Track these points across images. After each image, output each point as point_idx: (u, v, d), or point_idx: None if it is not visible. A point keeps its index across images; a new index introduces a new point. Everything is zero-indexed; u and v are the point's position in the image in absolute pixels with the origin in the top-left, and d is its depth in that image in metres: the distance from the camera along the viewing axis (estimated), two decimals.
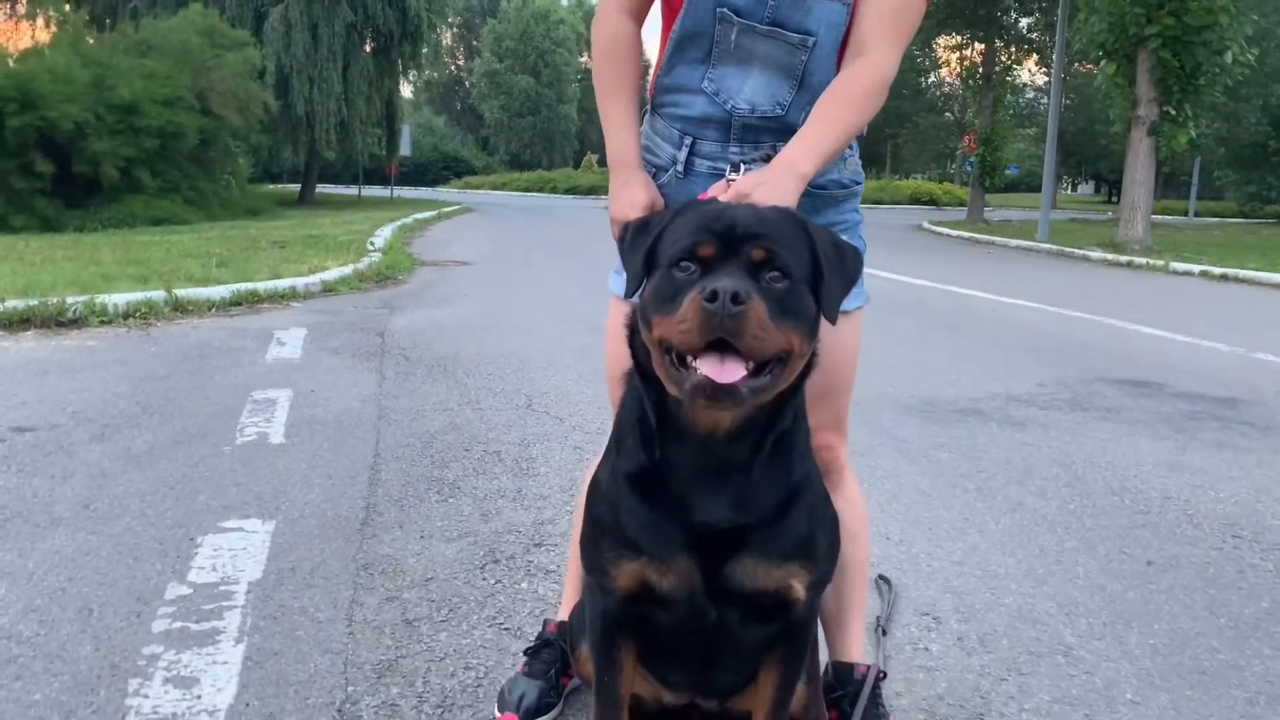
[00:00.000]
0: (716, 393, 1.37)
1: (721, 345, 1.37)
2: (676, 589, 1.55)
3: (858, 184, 1.99)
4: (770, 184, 1.67)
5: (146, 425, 4.29)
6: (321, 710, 2.14)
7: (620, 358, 1.67)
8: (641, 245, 1.55)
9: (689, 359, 1.40)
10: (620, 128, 1.96)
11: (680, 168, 1.95)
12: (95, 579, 2.75)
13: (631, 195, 1.90)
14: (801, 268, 1.47)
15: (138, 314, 7.01)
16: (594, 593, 1.67)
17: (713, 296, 1.34)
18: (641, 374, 1.54)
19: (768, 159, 1.78)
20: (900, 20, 1.84)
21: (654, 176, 1.98)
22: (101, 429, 4.21)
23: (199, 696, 2.17)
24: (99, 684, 2.21)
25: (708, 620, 1.57)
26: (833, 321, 1.52)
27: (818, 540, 1.60)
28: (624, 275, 1.66)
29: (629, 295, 1.56)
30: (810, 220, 1.56)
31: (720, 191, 1.72)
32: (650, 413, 1.54)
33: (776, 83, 1.88)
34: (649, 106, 2.05)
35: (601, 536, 1.61)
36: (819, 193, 1.92)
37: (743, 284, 1.36)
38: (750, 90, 1.89)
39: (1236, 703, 2.28)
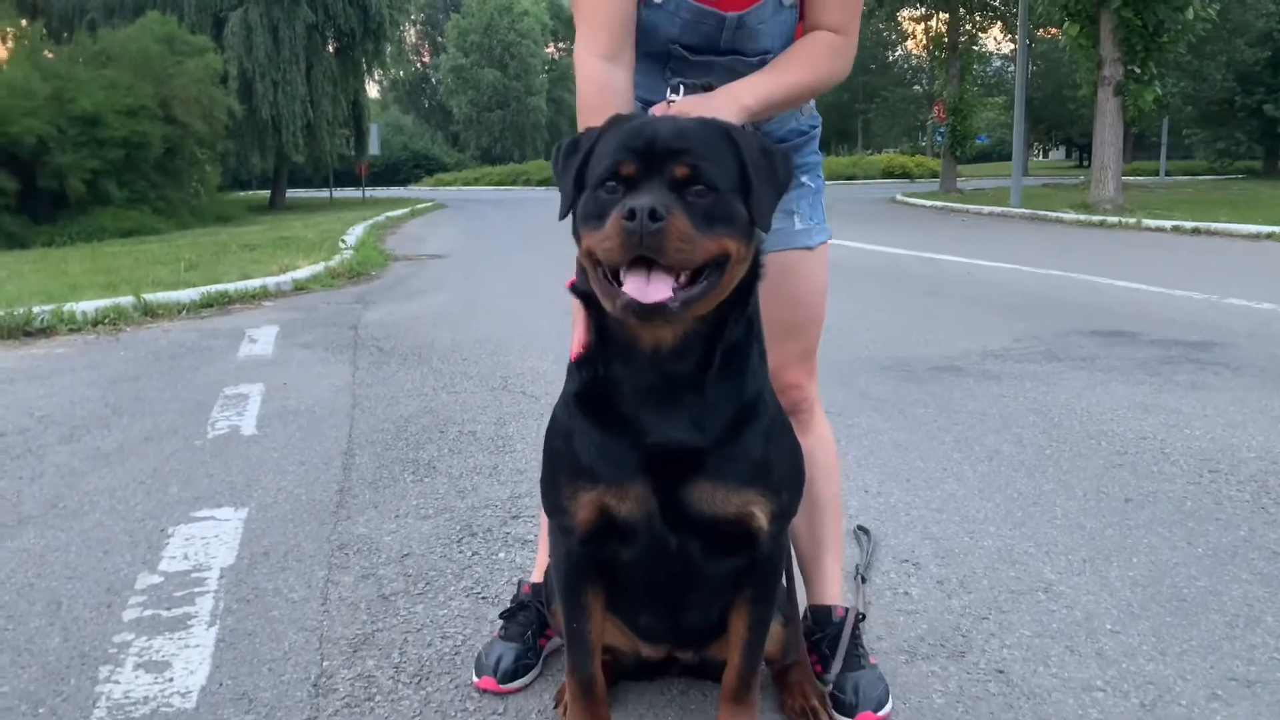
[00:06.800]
0: (645, 311, 1.36)
1: (648, 262, 1.36)
2: (634, 514, 1.53)
3: (815, 128, 2.00)
4: (711, 108, 1.64)
5: (116, 425, 4.24)
6: (296, 685, 2.10)
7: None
8: (571, 166, 1.52)
9: (621, 273, 1.39)
10: None
11: None
12: (64, 573, 2.70)
13: None
14: (728, 179, 1.44)
15: (106, 320, 6.93)
16: (557, 537, 1.65)
17: (631, 215, 1.33)
18: (582, 294, 1.53)
19: (708, 88, 1.75)
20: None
21: None
22: (70, 431, 4.15)
23: (171, 680, 2.13)
24: (68, 673, 2.17)
25: (669, 550, 1.55)
26: (765, 229, 1.49)
27: (775, 466, 1.58)
28: None
29: (562, 216, 1.54)
30: (736, 128, 1.53)
31: (660, 113, 1.69)
32: (593, 330, 1.53)
33: None
34: None
35: (558, 471, 1.59)
36: (781, 144, 1.90)
37: (663, 199, 1.35)
38: None
39: (1216, 626, 2.27)
